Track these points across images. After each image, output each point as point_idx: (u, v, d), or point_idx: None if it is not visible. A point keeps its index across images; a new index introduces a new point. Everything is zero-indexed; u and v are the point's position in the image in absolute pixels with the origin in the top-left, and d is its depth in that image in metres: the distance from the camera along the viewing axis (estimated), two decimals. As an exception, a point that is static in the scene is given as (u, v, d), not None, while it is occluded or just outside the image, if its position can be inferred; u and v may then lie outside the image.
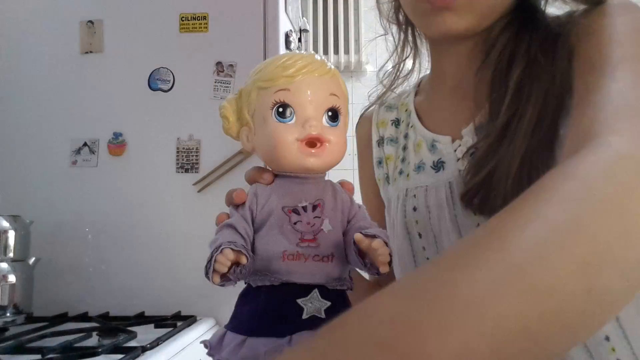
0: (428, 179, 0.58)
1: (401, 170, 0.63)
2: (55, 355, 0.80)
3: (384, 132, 0.69)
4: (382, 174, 0.67)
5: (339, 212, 0.44)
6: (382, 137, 0.69)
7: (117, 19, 1.35)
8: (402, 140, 0.65)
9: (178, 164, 1.30)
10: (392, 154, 0.66)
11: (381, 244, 0.39)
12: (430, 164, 0.58)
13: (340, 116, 0.44)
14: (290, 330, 0.39)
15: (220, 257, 0.38)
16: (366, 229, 0.41)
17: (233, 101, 0.46)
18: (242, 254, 0.39)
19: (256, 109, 0.44)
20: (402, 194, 0.61)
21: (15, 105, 1.34)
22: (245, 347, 0.40)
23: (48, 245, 1.23)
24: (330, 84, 0.44)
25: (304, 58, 0.44)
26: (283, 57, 0.44)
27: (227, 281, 0.40)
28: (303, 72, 0.43)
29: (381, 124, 0.70)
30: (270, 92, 0.43)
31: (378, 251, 0.39)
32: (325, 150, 0.43)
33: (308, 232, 0.42)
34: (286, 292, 0.41)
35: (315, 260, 0.41)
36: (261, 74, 0.44)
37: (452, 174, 0.56)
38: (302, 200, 0.43)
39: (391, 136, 0.67)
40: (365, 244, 0.39)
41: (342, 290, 0.43)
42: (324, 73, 0.44)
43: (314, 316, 0.40)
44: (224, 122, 0.47)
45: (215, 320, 1.20)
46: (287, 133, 0.42)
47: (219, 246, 0.39)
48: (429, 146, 0.59)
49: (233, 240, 0.40)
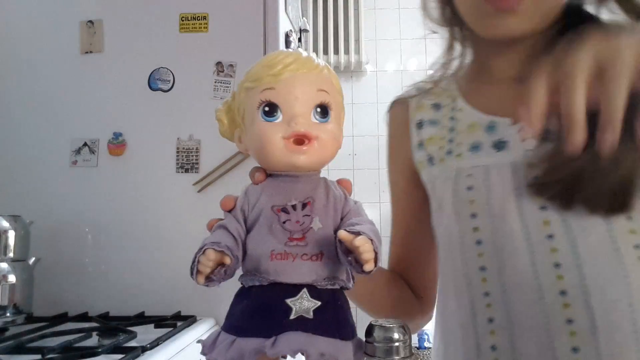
0: (488, 159, 0.57)
1: (449, 150, 0.62)
2: (55, 355, 0.80)
3: (422, 115, 0.68)
4: (424, 156, 0.66)
5: (330, 209, 0.43)
6: (421, 120, 0.68)
7: (117, 19, 1.35)
8: (448, 122, 0.65)
9: (178, 164, 1.30)
10: (435, 135, 0.65)
11: (364, 240, 0.37)
12: (490, 144, 0.58)
13: (330, 112, 0.44)
14: (276, 330, 0.39)
15: (203, 258, 0.38)
16: (352, 226, 0.40)
17: (227, 104, 0.47)
18: (225, 255, 0.39)
19: (245, 109, 0.44)
20: (451, 174, 0.60)
21: (15, 105, 1.34)
22: (233, 347, 0.40)
23: (48, 245, 1.23)
24: (318, 80, 0.44)
25: (290, 55, 0.43)
26: (269, 55, 0.44)
27: (210, 282, 0.40)
28: (288, 70, 0.42)
29: (419, 108, 0.69)
30: (256, 91, 0.43)
31: (360, 248, 0.37)
32: (314, 147, 0.42)
33: (297, 231, 0.41)
34: (275, 292, 0.40)
35: (303, 260, 0.41)
36: (248, 75, 0.44)
37: (517, 155, 0.55)
38: (291, 198, 0.42)
39: (432, 119, 0.67)
40: (348, 241, 0.38)
41: (333, 289, 0.42)
42: (311, 69, 0.43)
43: (301, 316, 0.39)
44: (219, 125, 0.47)
45: (215, 320, 1.20)
46: (273, 132, 0.42)
47: (202, 247, 0.39)
48: (485, 128, 0.59)
49: (217, 241, 0.40)
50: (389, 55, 3.02)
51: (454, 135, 0.63)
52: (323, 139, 0.42)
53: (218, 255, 0.39)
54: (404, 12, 3.05)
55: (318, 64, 0.44)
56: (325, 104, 0.43)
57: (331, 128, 0.43)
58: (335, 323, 0.41)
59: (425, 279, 0.71)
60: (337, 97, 0.45)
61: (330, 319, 0.41)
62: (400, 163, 0.71)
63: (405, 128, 0.69)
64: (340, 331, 0.41)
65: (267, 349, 0.38)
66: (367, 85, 2.97)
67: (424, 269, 0.71)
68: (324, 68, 0.45)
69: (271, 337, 0.39)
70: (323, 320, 0.40)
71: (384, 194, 2.87)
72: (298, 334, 0.39)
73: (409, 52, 3.01)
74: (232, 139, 0.47)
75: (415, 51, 3.01)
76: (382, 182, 2.90)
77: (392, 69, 3.01)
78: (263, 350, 0.38)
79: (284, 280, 0.40)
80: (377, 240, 0.39)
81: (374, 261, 0.38)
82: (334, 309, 0.41)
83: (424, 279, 0.71)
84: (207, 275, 0.39)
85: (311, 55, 0.45)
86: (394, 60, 3.02)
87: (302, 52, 0.44)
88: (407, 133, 0.69)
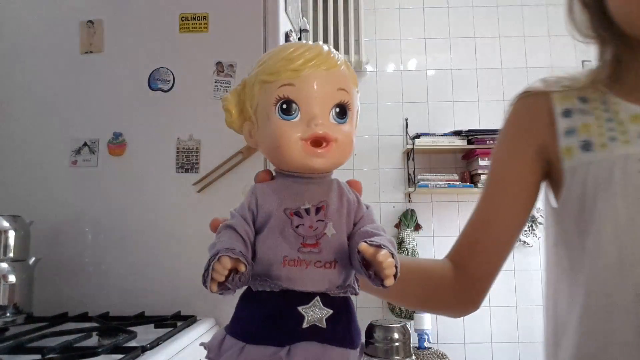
0: None
1: (612, 137, 0.65)
2: (55, 355, 0.80)
3: (568, 104, 0.71)
4: (575, 142, 0.68)
5: (344, 214, 0.41)
6: (568, 109, 0.70)
7: (117, 19, 1.35)
8: (602, 113, 0.67)
9: (178, 164, 1.30)
10: (591, 123, 0.68)
11: (387, 256, 0.36)
12: None
13: (348, 112, 0.42)
14: (289, 339, 0.38)
15: (218, 266, 0.36)
16: (372, 238, 0.38)
17: (236, 93, 0.44)
18: (240, 262, 0.37)
19: (259, 103, 0.42)
20: (618, 159, 0.63)
21: (15, 105, 1.34)
22: (244, 354, 0.38)
23: (48, 245, 1.23)
24: (339, 78, 0.41)
25: (311, 50, 0.41)
26: (288, 48, 0.41)
27: (225, 290, 0.38)
28: (309, 66, 0.40)
29: (565, 99, 0.71)
30: (274, 86, 0.40)
31: (384, 264, 0.36)
32: (332, 149, 0.40)
33: (310, 237, 0.39)
34: (287, 299, 0.39)
35: (317, 267, 0.39)
36: (265, 66, 0.42)
37: None
38: (305, 202, 0.40)
39: (581, 109, 0.70)
40: (369, 254, 0.37)
41: (345, 297, 0.41)
42: (332, 66, 0.41)
43: (314, 325, 0.38)
44: (226, 115, 0.44)
45: (215, 320, 1.20)
46: (290, 131, 0.40)
47: (217, 253, 0.36)
48: None
49: (231, 247, 0.37)
50: (389, 55, 3.02)
51: (614, 125, 0.66)
52: (341, 141, 0.41)
53: (233, 262, 0.37)
54: (404, 12, 3.05)
55: (339, 61, 0.42)
56: (344, 103, 0.41)
57: (348, 129, 0.42)
58: (347, 332, 0.40)
59: (488, 270, 0.72)
60: (355, 95, 0.43)
61: (343, 328, 0.40)
62: (524, 149, 0.72)
63: (543, 116, 0.71)
64: (352, 340, 0.40)
65: (282, 359, 0.37)
66: (367, 85, 2.97)
67: (494, 260, 0.72)
68: (343, 64, 0.42)
69: (284, 345, 0.38)
70: (336, 329, 0.39)
71: (384, 193, 2.90)
72: (313, 345, 0.38)
73: (409, 52, 3.01)
74: (239, 130, 0.45)
75: (415, 51, 3.02)
76: (382, 182, 2.90)
77: (392, 69, 3.01)
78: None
79: (297, 287, 0.39)
80: (396, 253, 0.38)
81: (394, 276, 0.37)
82: (346, 317, 0.40)
83: (488, 269, 0.72)
84: (221, 282, 0.37)
85: (332, 50, 0.42)
86: (394, 60, 3.02)
87: (324, 46, 0.42)
88: (545, 121, 0.70)
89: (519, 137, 0.74)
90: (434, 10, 3.04)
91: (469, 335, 2.76)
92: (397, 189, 2.90)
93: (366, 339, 1.73)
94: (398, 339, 1.82)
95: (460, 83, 2.97)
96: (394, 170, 2.92)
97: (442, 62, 3.00)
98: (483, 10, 3.02)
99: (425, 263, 0.75)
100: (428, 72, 3.00)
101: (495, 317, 2.75)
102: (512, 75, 2.93)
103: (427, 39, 3.01)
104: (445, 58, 3.00)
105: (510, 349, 2.75)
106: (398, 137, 2.92)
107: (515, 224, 0.71)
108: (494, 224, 0.73)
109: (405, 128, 2.90)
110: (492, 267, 0.72)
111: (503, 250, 0.72)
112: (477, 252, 0.72)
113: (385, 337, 1.80)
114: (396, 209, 2.88)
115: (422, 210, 2.86)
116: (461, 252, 0.74)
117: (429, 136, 2.75)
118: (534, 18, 2.99)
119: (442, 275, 0.72)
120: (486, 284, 0.72)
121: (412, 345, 1.82)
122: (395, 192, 2.90)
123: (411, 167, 2.79)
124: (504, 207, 0.73)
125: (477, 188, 2.65)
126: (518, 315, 2.76)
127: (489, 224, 0.74)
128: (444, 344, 2.70)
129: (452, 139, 2.73)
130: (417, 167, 2.77)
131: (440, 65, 2.99)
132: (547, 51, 2.94)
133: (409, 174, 2.83)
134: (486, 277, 0.72)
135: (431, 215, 2.87)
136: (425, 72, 3.00)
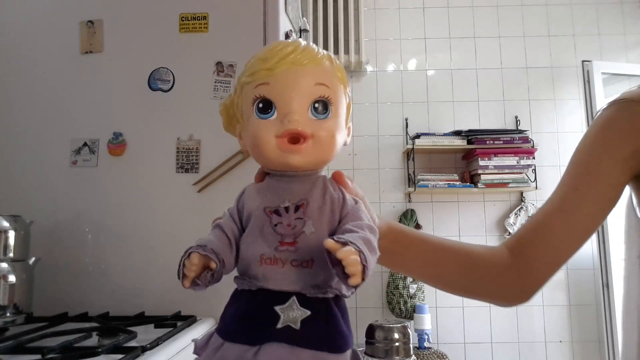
0: None
1: None
2: (55, 355, 0.80)
3: None
4: None
5: (326, 212, 0.40)
6: None
7: (117, 19, 1.35)
8: None
9: (178, 164, 1.30)
10: None
11: (349, 252, 0.34)
12: None
13: (331, 107, 0.41)
14: (262, 338, 0.37)
15: (187, 262, 0.38)
16: (344, 233, 0.37)
17: (230, 98, 0.44)
18: (210, 259, 0.38)
19: (242, 105, 0.42)
20: None
21: (15, 105, 1.34)
22: (220, 351, 0.39)
23: (48, 245, 1.23)
24: (317, 73, 0.40)
25: (287, 47, 0.40)
26: (267, 47, 0.41)
27: (196, 286, 0.39)
28: (283, 63, 0.39)
29: None
30: (251, 87, 0.40)
31: (344, 261, 0.34)
32: (309, 146, 0.39)
33: (289, 235, 0.39)
34: (264, 298, 0.38)
35: (293, 266, 0.38)
36: (245, 68, 0.42)
37: None
38: (285, 200, 0.40)
39: None
40: (334, 251, 0.35)
41: (325, 298, 0.39)
42: (310, 60, 0.40)
43: (288, 326, 0.37)
44: (222, 120, 0.45)
45: (215, 320, 1.20)
46: (266, 130, 0.39)
47: (187, 250, 0.38)
48: None
49: (203, 244, 0.38)
50: (389, 55, 3.02)
51: None
52: (320, 137, 0.40)
53: (203, 259, 0.38)
54: (404, 12, 3.05)
55: (318, 55, 0.41)
56: (325, 98, 0.40)
57: (330, 125, 0.40)
58: (324, 335, 0.38)
59: (553, 261, 0.71)
60: (340, 90, 0.42)
61: (319, 331, 0.38)
62: (620, 148, 0.71)
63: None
64: (329, 343, 0.38)
65: (248, 358, 0.37)
66: (367, 85, 2.97)
67: (562, 252, 0.71)
68: (324, 59, 0.41)
69: (255, 344, 0.37)
70: (311, 331, 0.37)
71: (384, 193, 2.89)
72: (282, 346, 0.37)
73: (409, 52, 3.01)
74: (235, 134, 0.45)
75: (415, 51, 3.02)
76: (382, 182, 2.90)
77: (392, 69, 3.01)
78: (245, 359, 0.37)
79: (271, 287, 0.38)
80: (368, 250, 0.36)
81: (361, 275, 0.35)
82: (325, 319, 0.38)
83: (553, 260, 0.71)
84: (193, 279, 0.38)
85: (311, 45, 0.41)
86: (394, 60, 3.02)
87: (302, 41, 0.42)
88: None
89: (616, 137, 0.73)
90: (434, 10, 3.03)
91: (469, 335, 2.76)
92: (397, 189, 2.90)
93: (366, 339, 1.74)
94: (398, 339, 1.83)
95: (460, 83, 2.97)
96: (394, 170, 2.92)
97: (442, 62, 3.00)
98: (483, 10, 3.02)
99: (471, 248, 0.73)
100: (428, 72, 3.00)
101: (495, 317, 2.75)
102: (512, 75, 2.93)
103: (427, 39, 3.01)
104: (445, 58, 3.00)
105: (510, 349, 2.75)
106: (398, 137, 2.92)
107: (595, 221, 0.70)
108: (573, 215, 0.71)
109: (405, 128, 2.90)
110: (557, 259, 0.70)
111: (574, 244, 0.70)
112: (548, 240, 0.71)
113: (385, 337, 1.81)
114: (396, 209, 2.88)
115: (422, 210, 2.86)
116: (527, 238, 0.72)
117: (429, 136, 2.75)
118: (534, 18, 2.99)
119: (491, 262, 0.71)
120: (545, 275, 0.70)
121: (412, 346, 1.82)
122: (395, 192, 2.90)
123: (411, 167, 2.79)
124: (588, 200, 0.71)
125: (477, 188, 2.65)
126: (518, 315, 2.76)
127: (567, 214, 0.71)
128: (444, 344, 2.70)
129: (452, 139, 2.73)
130: (417, 167, 2.77)
131: (440, 65, 2.99)
132: (547, 51, 2.94)
133: (409, 174, 2.83)
134: (548, 268, 0.70)
135: (431, 215, 2.87)
136: (425, 72, 3.00)
